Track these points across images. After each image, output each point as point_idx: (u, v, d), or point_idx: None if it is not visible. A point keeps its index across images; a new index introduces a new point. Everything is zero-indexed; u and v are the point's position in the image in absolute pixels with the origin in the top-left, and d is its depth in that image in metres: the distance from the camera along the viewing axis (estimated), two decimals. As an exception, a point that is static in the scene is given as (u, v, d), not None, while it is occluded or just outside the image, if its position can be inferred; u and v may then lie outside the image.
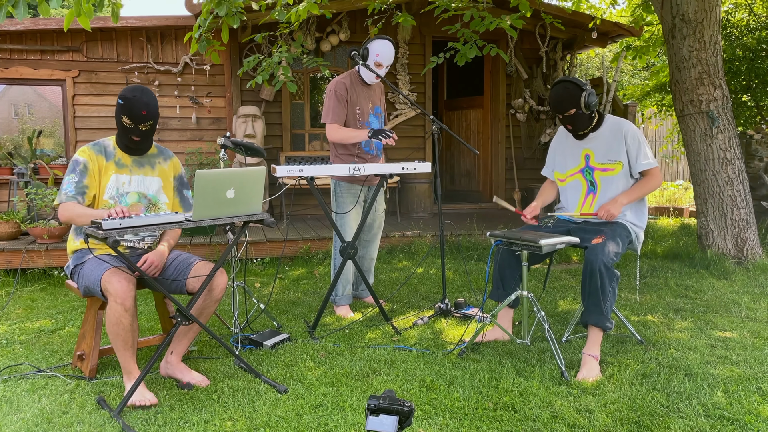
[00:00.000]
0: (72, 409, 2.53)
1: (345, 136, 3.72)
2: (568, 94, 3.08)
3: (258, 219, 2.71)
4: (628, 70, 14.62)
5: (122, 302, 2.52)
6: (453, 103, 8.82)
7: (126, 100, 2.70)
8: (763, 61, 6.84)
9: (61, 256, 4.96)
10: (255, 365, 2.99)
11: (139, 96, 2.71)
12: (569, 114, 3.12)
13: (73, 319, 3.87)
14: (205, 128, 7.12)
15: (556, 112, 3.16)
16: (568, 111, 3.11)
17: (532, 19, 7.26)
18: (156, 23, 6.69)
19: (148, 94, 2.74)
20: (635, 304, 3.98)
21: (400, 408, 1.56)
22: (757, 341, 3.24)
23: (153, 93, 2.78)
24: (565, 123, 3.19)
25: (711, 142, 5.05)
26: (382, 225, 4.07)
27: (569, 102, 3.08)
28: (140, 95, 2.71)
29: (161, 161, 2.99)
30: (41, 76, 6.64)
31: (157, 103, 2.78)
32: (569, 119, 3.15)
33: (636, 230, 3.17)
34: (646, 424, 2.34)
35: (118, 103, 2.74)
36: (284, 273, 5.13)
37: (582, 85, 3.07)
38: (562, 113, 3.14)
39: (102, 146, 2.86)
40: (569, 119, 3.15)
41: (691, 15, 4.98)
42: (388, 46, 3.68)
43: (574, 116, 3.12)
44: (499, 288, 3.24)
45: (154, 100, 2.76)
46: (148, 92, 2.75)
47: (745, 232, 5.03)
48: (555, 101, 3.13)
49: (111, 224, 2.31)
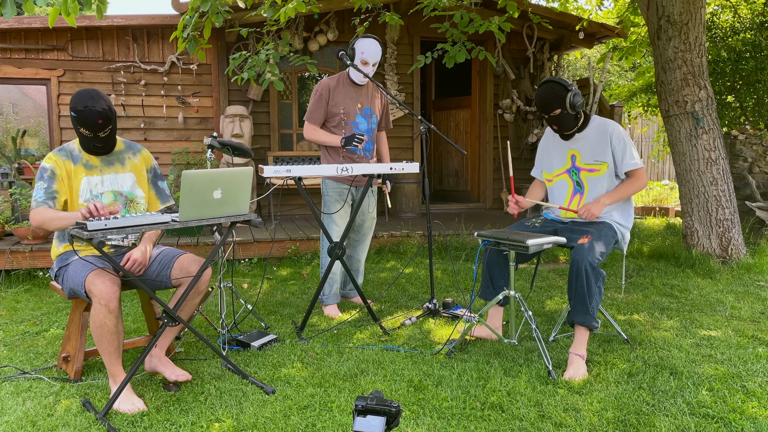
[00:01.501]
0: (57, 412, 2.50)
1: (318, 138, 3.81)
2: (553, 95, 3.10)
3: (245, 219, 2.69)
4: (615, 70, 14.73)
5: (106, 304, 2.50)
6: (441, 103, 8.84)
7: (78, 113, 2.64)
8: (747, 62, 6.92)
9: (46, 257, 4.90)
10: (242, 366, 2.97)
11: (91, 106, 2.64)
12: (555, 114, 3.14)
13: (57, 321, 3.83)
14: (192, 128, 7.08)
15: (542, 112, 3.19)
16: (554, 111, 3.13)
17: (520, 19, 7.30)
18: (142, 22, 6.64)
19: (100, 100, 2.66)
20: (621, 304, 4.01)
21: (387, 408, 1.56)
22: (741, 340, 3.27)
23: (104, 95, 2.70)
24: (550, 123, 3.22)
25: (696, 143, 5.10)
26: (372, 227, 4.07)
27: (554, 102, 3.10)
28: (92, 104, 2.64)
29: (131, 156, 2.95)
30: (25, 75, 6.57)
31: (111, 104, 2.72)
32: (555, 119, 3.17)
33: (622, 230, 3.20)
34: (632, 423, 2.35)
35: (71, 114, 2.67)
36: (272, 273, 5.11)
37: (567, 85, 3.09)
38: (548, 113, 3.16)
39: (67, 151, 2.81)
40: (555, 119, 3.17)
41: (676, 16, 5.02)
42: (373, 44, 3.69)
43: (559, 116, 3.14)
44: (488, 287, 3.25)
45: (107, 104, 2.68)
46: (99, 97, 2.67)
47: (729, 232, 5.09)
48: (541, 101, 3.15)
49: (96, 225, 2.29)
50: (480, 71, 8.11)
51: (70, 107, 2.67)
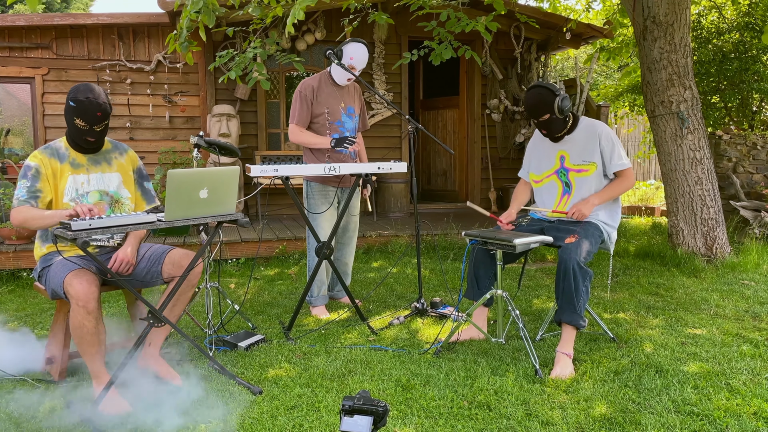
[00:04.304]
0: (41, 414, 2.48)
1: (306, 140, 3.74)
2: (541, 100, 3.11)
3: (232, 219, 2.68)
4: (602, 71, 14.82)
5: (84, 305, 2.46)
6: (429, 103, 8.85)
7: (79, 103, 2.62)
8: (731, 63, 6.98)
9: (30, 258, 4.85)
10: (229, 367, 2.96)
11: (92, 98, 2.63)
12: (544, 119, 3.15)
13: (42, 322, 3.79)
14: (178, 127, 7.03)
15: (531, 117, 3.20)
16: (543, 116, 3.14)
17: (507, 19, 7.32)
18: (128, 20, 6.59)
19: (101, 94, 2.66)
20: (608, 302, 4.03)
21: (374, 408, 1.56)
22: (725, 338, 3.30)
23: (104, 91, 2.70)
24: (540, 128, 3.23)
25: (681, 143, 5.14)
26: (356, 228, 4.06)
27: (543, 108, 3.12)
28: (94, 97, 2.63)
29: (117, 156, 2.92)
30: (9, 73, 6.49)
31: (109, 101, 2.71)
32: (544, 124, 3.18)
33: (608, 230, 3.22)
34: (618, 421, 2.37)
35: (69, 105, 2.65)
36: (259, 274, 5.09)
37: (555, 90, 3.10)
38: (537, 118, 3.17)
39: (53, 149, 2.77)
40: (544, 124, 3.18)
41: (661, 17, 5.06)
42: (362, 50, 3.69)
43: (548, 121, 3.16)
44: (474, 287, 3.26)
45: (106, 100, 2.69)
46: (100, 92, 2.67)
47: (714, 231, 5.14)
48: (529, 107, 3.17)
49: (80, 225, 2.26)
50: (468, 71, 8.12)
51: (69, 98, 2.64)
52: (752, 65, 6.93)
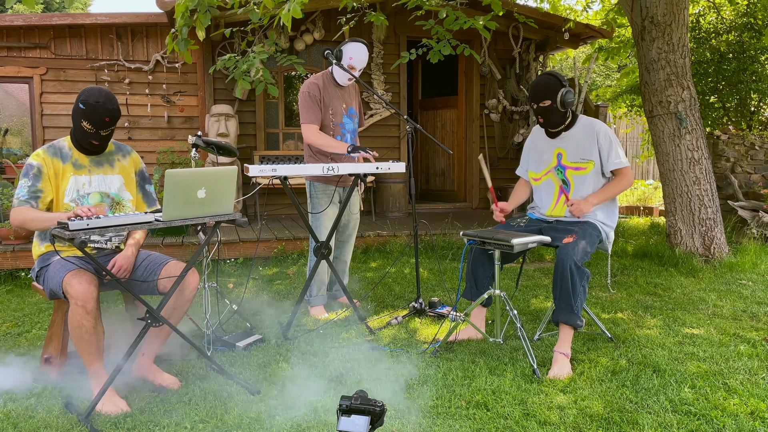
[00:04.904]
0: (39, 414, 2.48)
1: (324, 143, 3.66)
2: (548, 84, 3.12)
3: (230, 219, 2.68)
4: (602, 71, 14.83)
5: (83, 305, 2.46)
6: (428, 103, 8.85)
7: (89, 106, 2.62)
8: (729, 63, 6.99)
9: (28, 258, 4.84)
10: (227, 367, 2.96)
11: (102, 103, 2.63)
12: (544, 105, 3.15)
13: (40, 322, 3.79)
14: (177, 127, 7.03)
15: (533, 99, 3.19)
16: (544, 101, 3.14)
17: (506, 19, 7.33)
18: (126, 20, 6.59)
19: (112, 99, 2.66)
20: (606, 302, 4.04)
21: (371, 408, 1.56)
22: (723, 338, 3.31)
23: (114, 96, 2.70)
24: (538, 114, 3.21)
25: (679, 143, 5.15)
26: (356, 226, 4.06)
27: (547, 92, 3.12)
28: (104, 102, 2.63)
29: (120, 158, 2.92)
30: (7, 73, 6.49)
31: (119, 107, 2.71)
32: (542, 111, 3.17)
33: (606, 230, 3.22)
34: (615, 421, 2.37)
35: (78, 107, 2.64)
36: (258, 273, 5.09)
37: (563, 81, 3.12)
38: (538, 102, 3.17)
39: (57, 148, 2.76)
40: (542, 111, 3.17)
41: (659, 17, 5.07)
42: (361, 50, 3.68)
43: (548, 109, 3.15)
44: (472, 287, 3.26)
45: (117, 105, 2.69)
46: (111, 97, 2.67)
47: (712, 231, 5.14)
48: (534, 89, 3.17)
49: (78, 225, 2.26)
50: (466, 71, 8.13)
51: (80, 99, 2.63)
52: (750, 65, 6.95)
